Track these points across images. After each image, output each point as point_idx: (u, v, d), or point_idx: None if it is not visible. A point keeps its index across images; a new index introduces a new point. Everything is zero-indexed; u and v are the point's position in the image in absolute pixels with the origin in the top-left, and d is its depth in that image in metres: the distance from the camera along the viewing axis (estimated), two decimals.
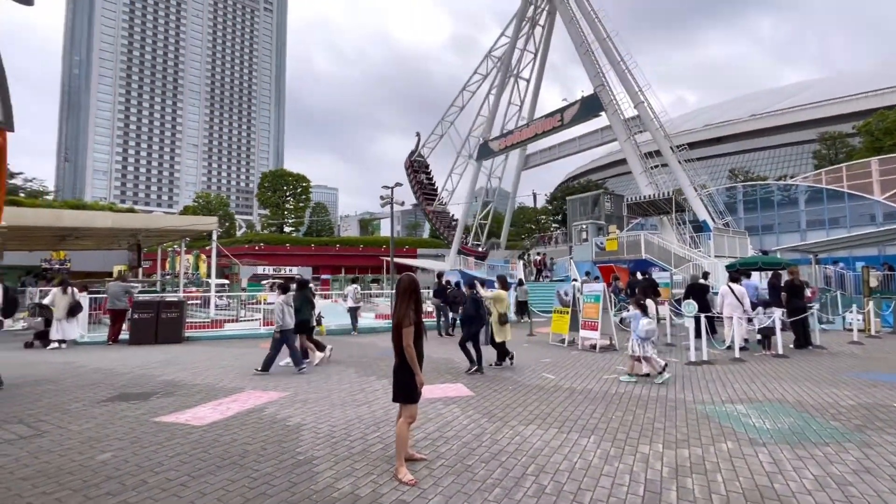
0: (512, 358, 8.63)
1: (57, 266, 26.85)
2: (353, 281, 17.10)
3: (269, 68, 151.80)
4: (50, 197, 58.85)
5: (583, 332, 10.81)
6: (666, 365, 7.25)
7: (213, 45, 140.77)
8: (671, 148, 26.36)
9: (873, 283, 13.49)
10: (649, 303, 8.01)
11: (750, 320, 10.13)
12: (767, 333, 9.46)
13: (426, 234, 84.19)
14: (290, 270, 38.01)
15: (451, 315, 13.84)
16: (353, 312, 14.18)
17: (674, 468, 3.80)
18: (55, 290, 10.60)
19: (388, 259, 35.78)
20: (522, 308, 16.60)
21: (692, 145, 64.31)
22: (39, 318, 10.70)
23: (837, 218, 24.61)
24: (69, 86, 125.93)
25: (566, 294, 11.93)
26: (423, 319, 3.97)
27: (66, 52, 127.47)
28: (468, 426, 4.89)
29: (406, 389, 3.71)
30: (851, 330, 11.58)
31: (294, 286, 9.01)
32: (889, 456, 4.03)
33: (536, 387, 6.75)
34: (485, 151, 35.89)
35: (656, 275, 18.11)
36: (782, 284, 10.13)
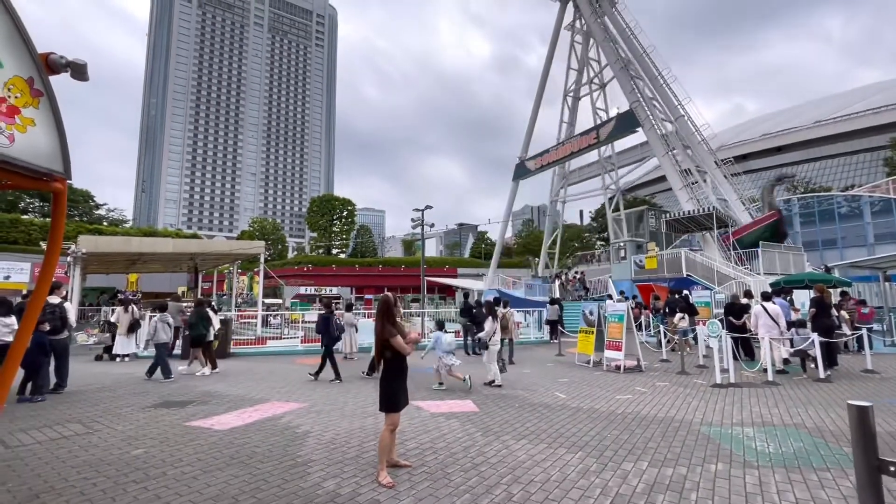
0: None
1: (130, 296, 29.69)
2: None
3: (320, 99, 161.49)
4: (128, 225, 65.39)
5: (607, 353, 10.67)
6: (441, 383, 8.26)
7: (270, 81, 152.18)
8: (715, 162, 25.40)
9: None
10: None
11: (792, 342, 9.61)
12: (801, 356, 8.91)
13: (467, 254, 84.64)
14: (331, 290, 39.59)
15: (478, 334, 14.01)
16: None
17: (650, 485, 3.85)
18: (119, 309, 11.97)
19: (428, 279, 36.47)
20: (554, 327, 16.44)
21: (749, 156, 60.88)
22: (108, 334, 12.06)
23: None
24: (147, 124, 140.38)
25: (591, 313, 11.81)
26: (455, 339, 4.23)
27: (146, 95, 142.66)
28: (461, 438, 5.13)
29: (388, 399, 4.05)
30: None
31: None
32: (890, 483, 3.83)
33: (543, 405, 6.83)
34: (521, 171, 36.08)
35: (698, 293, 17.36)
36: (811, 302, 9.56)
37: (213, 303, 11.87)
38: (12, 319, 6.76)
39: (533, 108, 37.51)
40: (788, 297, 11.82)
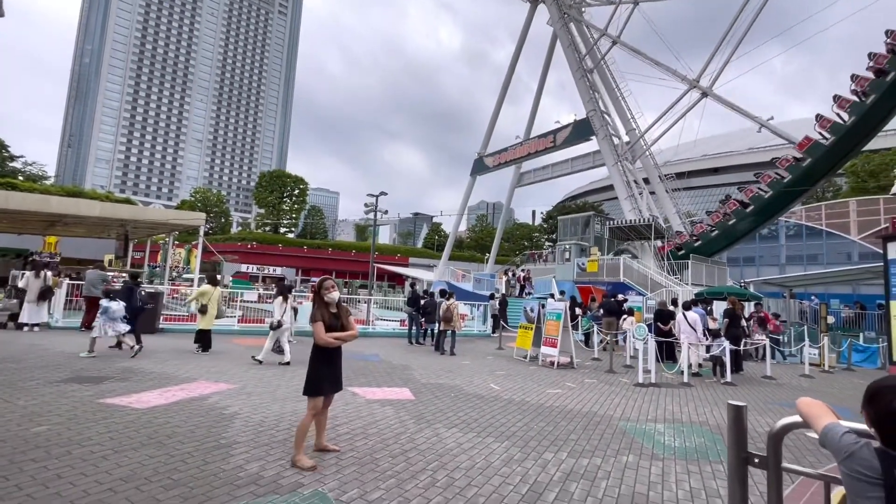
0: (207, 347, 9.56)
1: (47, 258, 26.95)
2: None
3: (279, 70, 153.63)
4: (49, 182, 59.13)
5: (543, 349, 11.14)
6: (134, 347, 8.69)
7: (226, 43, 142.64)
8: (659, 176, 27.04)
9: (830, 319, 13.87)
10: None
11: (708, 348, 10.50)
12: (714, 361, 9.79)
13: (420, 244, 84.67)
14: (275, 270, 38.20)
15: (424, 324, 14.09)
16: None
17: (566, 474, 4.10)
18: (28, 274, 10.87)
19: (378, 265, 36.15)
20: (496, 321, 16.87)
21: (690, 174, 65.43)
22: (14, 300, 10.94)
23: (816, 255, 25.13)
24: (79, 72, 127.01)
25: (532, 311, 12.26)
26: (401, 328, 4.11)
27: (79, 40, 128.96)
28: (393, 425, 5.19)
29: (309, 383, 3.99)
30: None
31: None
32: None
33: (477, 396, 7.04)
34: (479, 167, 36.51)
35: (631, 298, 18.47)
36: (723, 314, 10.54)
37: None
38: None
39: (496, 104, 37.99)
40: (708, 307, 12.88)
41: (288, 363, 8.61)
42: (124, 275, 20.50)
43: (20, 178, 48.53)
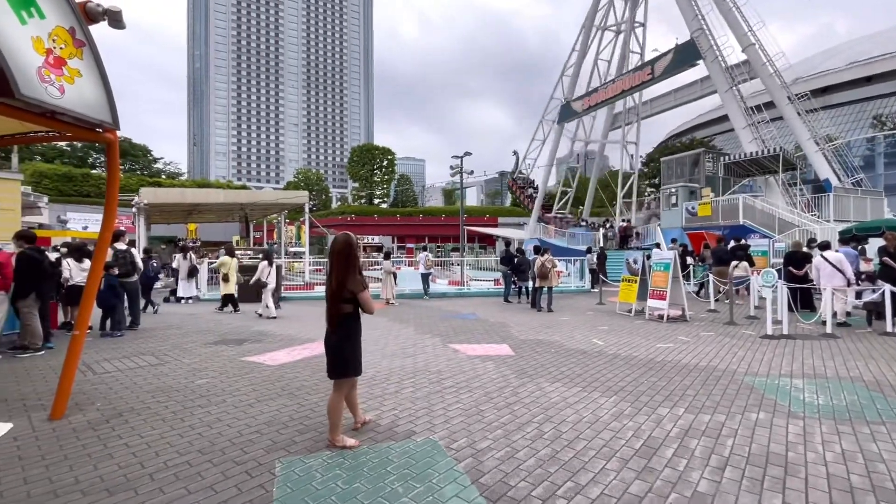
0: (235, 306, 11.43)
1: (190, 244, 31.91)
2: (424, 249, 17.98)
3: (357, 46, 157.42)
4: (184, 177, 69.02)
5: (650, 302, 10.41)
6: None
7: (307, 30, 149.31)
8: (788, 97, 22.79)
9: None
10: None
11: (860, 294, 8.93)
12: (869, 308, 8.29)
13: (508, 203, 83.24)
14: (373, 239, 40.57)
15: (518, 282, 14.01)
16: (425, 278, 15.02)
17: (684, 430, 3.83)
18: (178, 256, 12.92)
19: (468, 228, 36.48)
20: (595, 276, 16.13)
21: (832, 88, 53.96)
22: (172, 279, 13.11)
23: None
24: (193, 78, 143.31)
25: (635, 262, 11.45)
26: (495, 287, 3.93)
27: (190, 48, 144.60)
28: (496, 379, 5.28)
29: (354, 362, 3.78)
30: None
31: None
32: None
33: (579, 351, 6.85)
34: (567, 113, 34.14)
35: (755, 242, 16.34)
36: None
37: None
38: (89, 264, 7.45)
39: (581, 44, 34.73)
40: (860, 247, 10.85)
41: (273, 317, 10.15)
42: (249, 252, 23.40)
43: (163, 176, 57.23)
